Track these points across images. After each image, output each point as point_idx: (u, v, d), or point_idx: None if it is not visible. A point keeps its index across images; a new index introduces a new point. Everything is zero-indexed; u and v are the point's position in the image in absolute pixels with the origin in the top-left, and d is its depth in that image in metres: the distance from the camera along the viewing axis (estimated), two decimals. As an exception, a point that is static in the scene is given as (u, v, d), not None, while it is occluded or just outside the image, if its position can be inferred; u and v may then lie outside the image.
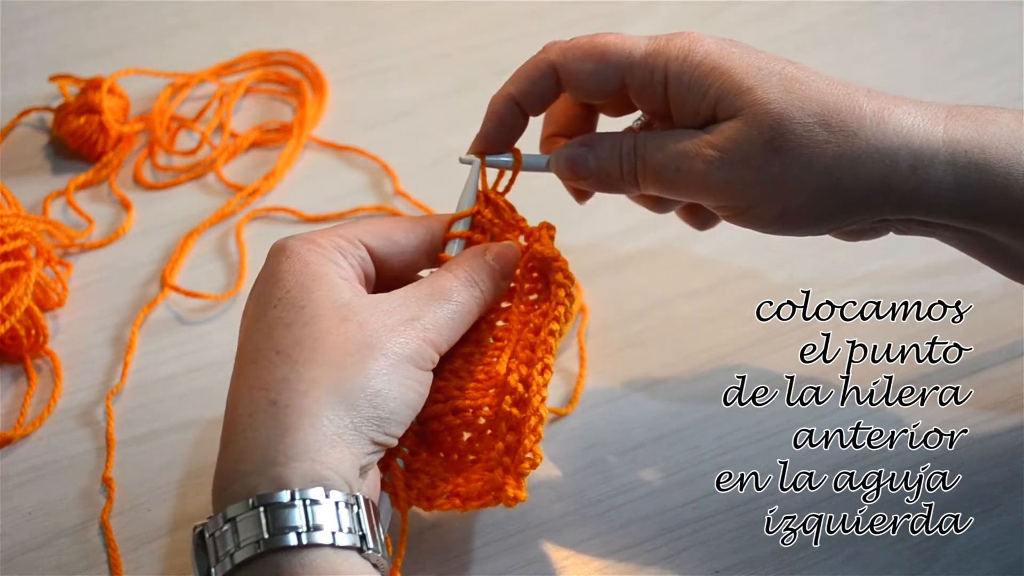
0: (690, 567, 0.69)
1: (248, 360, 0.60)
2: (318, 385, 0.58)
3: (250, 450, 0.57)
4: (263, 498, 0.55)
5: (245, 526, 0.55)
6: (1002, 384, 0.78)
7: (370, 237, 0.65)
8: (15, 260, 0.78)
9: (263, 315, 0.61)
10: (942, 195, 0.62)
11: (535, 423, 0.62)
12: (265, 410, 0.57)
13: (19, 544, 0.71)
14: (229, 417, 0.59)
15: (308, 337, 0.59)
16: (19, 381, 0.80)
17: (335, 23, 1.07)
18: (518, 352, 0.65)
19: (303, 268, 0.62)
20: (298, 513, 0.55)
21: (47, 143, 0.96)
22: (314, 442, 0.57)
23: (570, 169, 0.67)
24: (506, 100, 0.67)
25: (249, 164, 0.95)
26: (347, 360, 0.58)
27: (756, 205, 0.63)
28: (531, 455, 0.62)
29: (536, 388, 0.63)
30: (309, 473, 0.56)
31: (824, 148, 0.61)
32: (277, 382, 0.58)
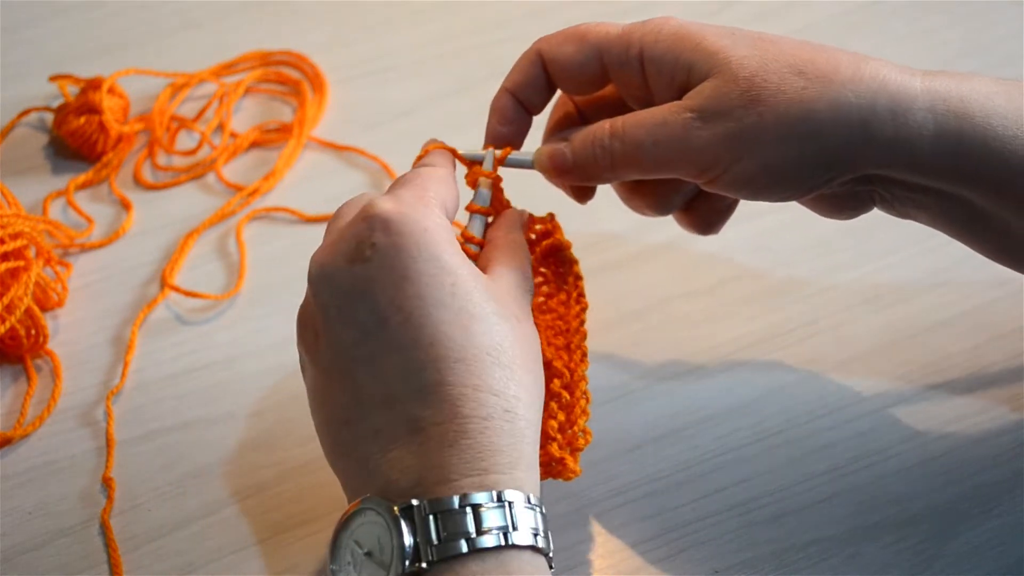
0: (690, 567, 0.69)
1: (454, 358, 0.57)
2: (529, 392, 0.59)
3: (491, 451, 0.57)
4: (510, 495, 0.56)
5: (490, 516, 0.55)
6: (1002, 384, 0.78)
7: (446, 199, 0.64)
8: (15, 260, 0.78)
9: (439, 303, 0.58)
10: (924, 144, 0.61)
11: (584, 404, 0.66)
12: (502, 417, 0.57)
13: (19, 544, 0.71)
14: (448, 414, 0.57)
15: (505, 339, 0.59)
16: (19, 381, 0.80)
17: (335, 23, 1.07)
18: (551, 338, 0.68)
19: (448, 246, 0.59)
20: (534, 516, 0.57)
21: (47, 143, 0.96)
22: (534, 452, 0.59)
23: (551, 163, 0.68)
24: (503, 95, 0.69)
25: (249, 164, 0.95)
26: (533, 365, 0.61)
27: (736, 161, 0.62)
28: (583, 433, 0.66)
29: (580, 374, 0.67)
30: (535, 479, 0.59)
31: (801, 95, 0.61)
32: (502, 388, 0.58)
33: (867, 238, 0.87)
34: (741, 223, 0.88)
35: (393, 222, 0.58)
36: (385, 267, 0.58)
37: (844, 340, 0.81)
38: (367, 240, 0.59)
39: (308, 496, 0.73)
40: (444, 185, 0.64)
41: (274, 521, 0.72)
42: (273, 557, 0.70)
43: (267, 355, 0.81)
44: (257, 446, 0.76)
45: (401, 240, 0.58)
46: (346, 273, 0.59)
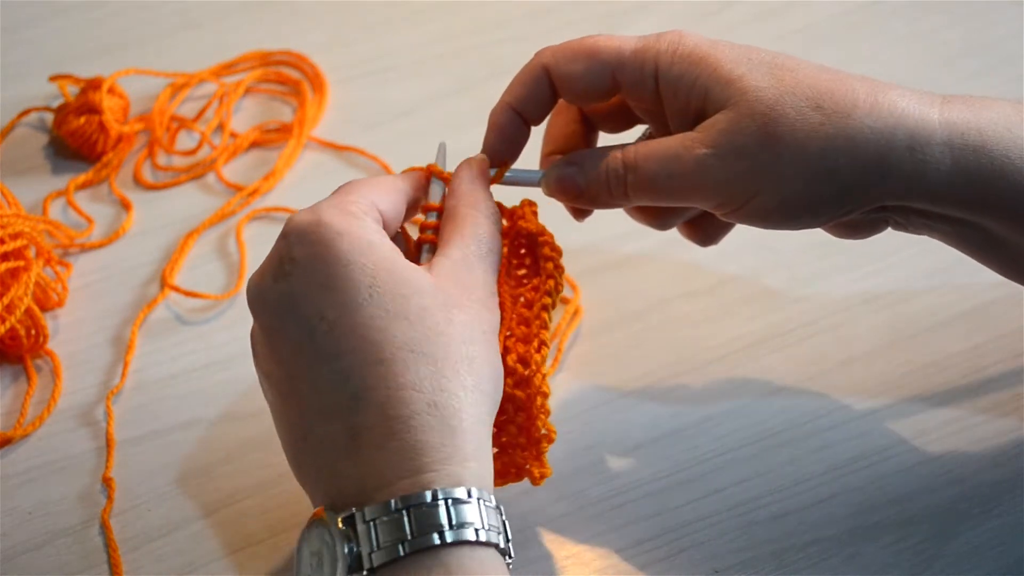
0: (690, 567, 0.69)
1: (372, 360, 0.57)
2: (463, 384, 0.57)
3: (419, 450, 0.56)
4: (446, 491, 0.55)
5: (422, 517, 0.54)
6: (1002, 384, 0.78)
7: (379, 200, 0.63)
8: (15, 260, 0.78)
9: (355, 307, 0.57)
10: (940, 178, 0.61)
11: (541, 402, 0.63)
12: (428, 412, 0.56)
13: (19, 544, 0.71)
14: (375, 418, 0.56)
15: (432, 331, 0.58)
16: (19, 381, 0.80)
17: (335, 23, 1.07)
18: (514, 328, 0.65)
19: (371, 248, 0.59)
20: (477, 510, 0.55)
21: (47, 143, 0.96)
22: (476, 441, 0.57)
23: (561, 189, 0.66)
24: (504, 110, 0.67)
25: (249, 164, 0.95)
26: (472, 351, 0.58)
27: (754, 197, 0.62)
28: (546, 431, 0.63)
29: (535, 366, 0.63)
30: (478, 472, 0.57)
31: (819, 131, 0.61)
32: (426, 382, 0.57)
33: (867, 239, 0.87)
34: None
35: (308, 233, 0.59)
36: (306, 279, 0.58)
37: (844, 340, 0.81)
38: (287, 255, 0.59)
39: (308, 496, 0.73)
40: (376, 189, 0.63)
41: (274, 521, 0.72)
42: (273, 557, 0.70)
43: (267, 355, 0.81)
44: (257, 446, 0.76)
45: (317, 249, 0.58)
46: (272, 291, 0.60)
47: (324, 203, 0.61)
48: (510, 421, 0.63)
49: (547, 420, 0.63)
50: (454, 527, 0.55)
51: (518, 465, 0.63)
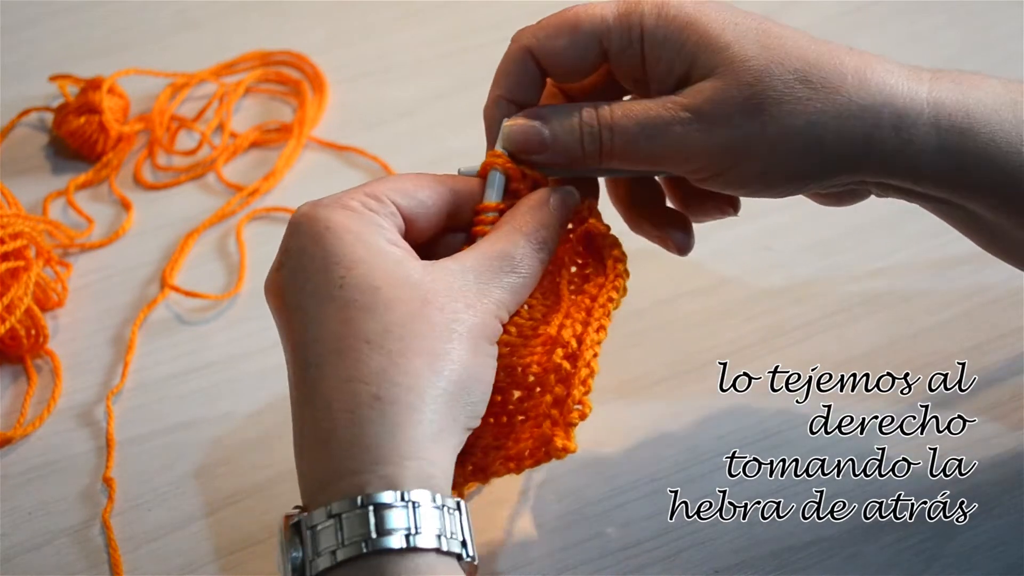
0: (690, 567, 0.69)
1: (330, 350, 0.56)
2: (419, 378, 0.55)
3: (358, 447, 0.54)
4: (371, 497, 0.53)
5: (351, 524, 0.53)
6: (1002, 384, 0.78)
7: (398, 195, 0.61)
8: (15, 260, 0.78)
9: (327, 297, 0.57)
10: (924, 159, 0.60)
11: (585, 375, 0.61)
12: (369, 405, 0.55)
13: (19, 544, 0.71)
14: (322, 411, 0.55)
15: (394, 324, 0.56)
16: (19, 381, 0.80)
17: (335, 23, 1.07)
18: (572, 314, 0.63)
19: (354, 240, 0.58)
20: (406, 514, 0.54)
21: (47, 143, 0.96)
22: (422, 439, 0.55)
23: (523, 143, 0.63)
24: (497, 103, 0.65)
25: (249, 164, 0.95)
26: (438, 347, 0.56)
27: (735, 166, 0.61)
28: (580, 406, 0.61)
29: (589, 343, 0.62)
30: (418, 473, 0.54)
31: (805, 105, 0.60)
32: (375, 375, 0.55)
33: (867, 238, 0.87)
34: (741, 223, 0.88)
35: (299, 224, 0.59)
36: (293, 271, 0.59)
37: (844, 340, 0.81)
38: (284, 247, 0.60)
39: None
40: (403, 184, 0.62)
41: (274, 521, 0.71)
42: (273, 557, 0.70)
43: (267, 355, 0.81)
44: (257, 446, 0.76)
45: (303, 240, 0.59)
46: (273, 282, 0.60)
47: (327, 196, 0.60)
48: (548, 391, 0.61)
49: (585, 395, 0.61)
50: (379, 534, 0.53)
51: (546, 439, 0.61)
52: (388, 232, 0.59)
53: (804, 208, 0.90)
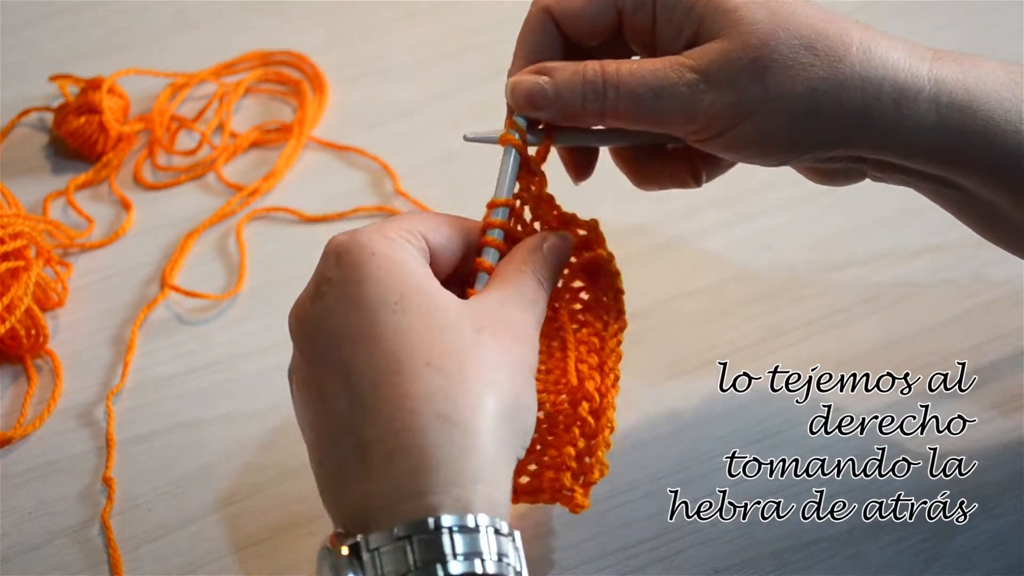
0: (690, 567, 0.69)
1: (390, 371, 0.55)
2: (482, 402, 0.55)
3: (424, 468, 0.54)
4: (443, 520, 0.53)
5: (423, 547, 0.53)
6: (1002, 384, 0.78)
7: (428, 231, 0.61)
8: (15, 260, 0.78)
9: (379, 320, 0.56)
10: (922, 135, 0.61)
11: (608, 434, 0.63)
12: (436, 427, 0.54)
13: (19, 544, 0.71)
14: (382, 431, 0.55)
15: (453, 349, 0.56)
16: (19, 381, 0.80)
17: (335, 23, 1.07)
18: (583, 355, 0.64)
19: (403, 268, 0.58)
20: (476, 539, 0.53)
21: (47, 143, 0.96)
22: (489, 464, 0.54)
23: (528, 99, 0.64)
24: (521, 67, 0.65)
25: (249, 164, 0.95)
26: (495, 375, 0.56)
27: (735, 127, 0.62)
28: (600, 465, 0.62)
29: (610, 400, 0.63)
30: (486, 497, 0.54)
31: (808, 71, 0.60)
32: (438, 396, 0.54)
33: (867, 238, 0.87)
34: (741, 223, 0.89)
35: (342, 253, 0.58)
36: (338, 298, 0.58)
37: (844, 340, 0.81)
38: (323, 276, 0.59)
39: (308, 496, 0.73)
40: (429, 221, 0.62)
41: (274, 521, 0.72)
42: (273, 557, 0.70)
43: (267, 355, 0.81)
44: (257, 446, 0.76)
45: (349, 270, 0.58)
46: (309, 312, 0.59)
47: (365, 227, 0.60)
48: (571, 443, 0.62)
49: (605, 452, 0.63)
50: (460, 557, 0.53)
51: (560, 487, 0.62)
52: (423, 263, 0.60)
53: (804, 208, 0.90)
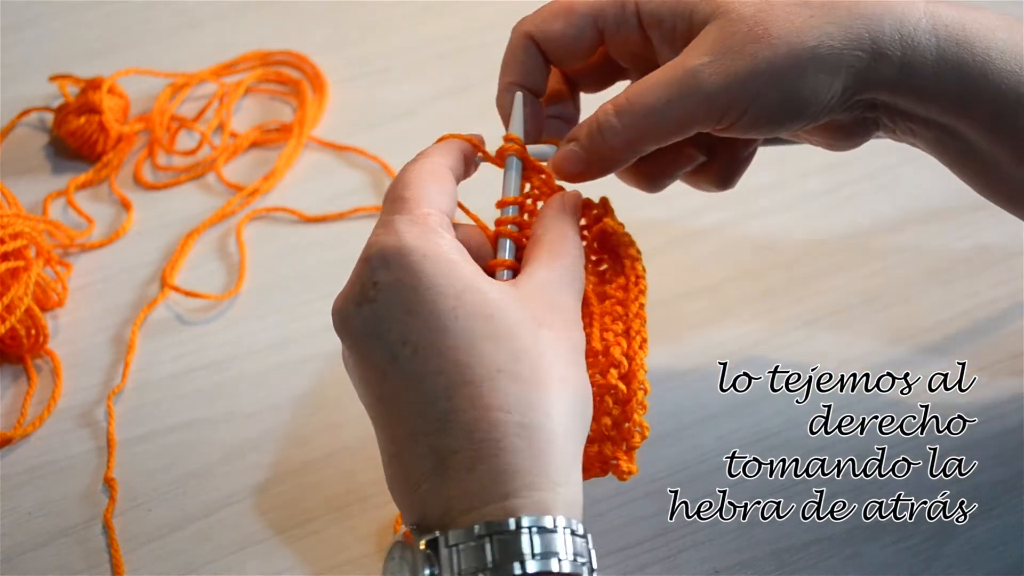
0: (690, 567, 0.69)
1: (462, 381, 0.55)
2: (556, 403, 0.56)
3: (510, 474, 0.54)
4: (523, 520, 0.54)
5: (501, 546, 0.53)
6: (1002, 384, 0.78)
7: (443, 201, 0.61)
8: (15, 260, 0.78)
9: (445, 327, 0.56)
10: (927, 70, 0.61)
11: (642, 396, 0.62)
12: (516, 434, 0.55)
13: (19, 544, 0.71)
14: (462, 442, 0.55)
15: (521, 351, 0.56)
16: (19, 381, 0.80)
17: (335, 23, 1.07)
18: (608, 324, 0.64)
19: (454, 268, 0.57)
20: (563, 539, 0.54)
21: (47, 143, 0.96)
22: (565, 464, 0.55)
23: (565, 167, 0.65)
24: (508, 90, 0.66)
25: (249, 164, 0.95)
26: (563, 371, 0.57)
27: (755, 99, 0.61)
28: (640, 428, 0.62)
29: (640, 362, 0.62)
30: (566, 498, 0.55)
31: (809, 22, 0.60)
32: (514, 403, 0.55)
33: (867, 238, 0.87)
34: (741, 222, 0.89)
35: (391, 257, 0.58)
36: (390, 304, 0.57)
37: (844, 340, 0.81)
38: (370, 280, 0.58)
39: (308, 496, 0.73)
40: (436, 186, 0.62)
41: (274, 521, 0.72)
42: (273, 557, 0.70)
43: (267, 355, 0.81)
44: (257, 446, 0.76)
45: (400, 274, 0.57)
46: (356, 316, 0.58)
47: (402, 221, 0.59)
48: (606, 413, 0.61)
49: (642, 417, 0.62)
50: (537, 557, 0.53)
51: (604, 459, 0.62)
52: (464, 253, 0.59)
53: (804, 208, 0.90)
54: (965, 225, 0.87)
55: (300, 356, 0.80)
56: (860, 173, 0.91)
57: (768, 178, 0.90)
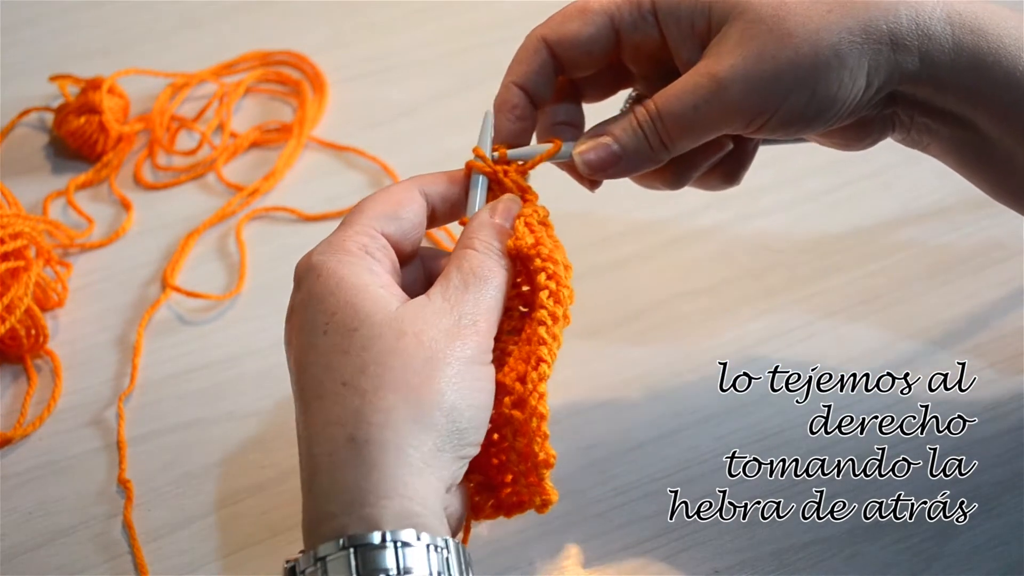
0: (690, 567, 0.70)
1: (313, 395, 0.57)
2: (394, 413, 0.55)
3: (336, 490, 0.55)
4: (354, 539, 0.53)
5: (335, 567, 0.53)
6: (1002, 384, 0.78)
7: (384, 222, 0.62)
8: (15, 260, 0.78)
9: (313, 344, 0.58)
10: (944, 56, 0.61)
11: (537, 424, 0.60)
12: (346, 448, 0.55)
13: (19, 544, 0.71)
14: (307, 457, 0.56)
15: (370, 362, 0.56)
16: (19, 381, 0.80)
17: (335, 23, 1.07)
18: (523, 351, 0.61)
19: (339, 285, 0.58)
20: (389, 555, 0.53)
21: (47, 143, 0.96)
22: (401, 476, 0.55)
23: (601, 164, 0.64)
24: (509, 89, 0.66)
25: (249, 164, 0.95)
26: (414, 380, 0.56)
27: (785, 99, 0.61)
28: (544, 456, 0.60)
29: (532, 385, 0.60)
30: (400, 511, 0.54)
31: (828, 18, 0.61)
32: (351, 416, 0.55)
33: (867, 238, 0.87)
34: (741, 223, 0.89)
35: (299, 279, 0.60)
36: (295, 324, 0.60)
37: (844, 340, 0.81)
38: (291, 301, 0.61)
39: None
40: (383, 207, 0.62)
41: (274, 521, 0.72)
42: (273, 557, 0.70)
43: (267, 355, 0.81)
44: (257, 446, 0.76)
45: (301, 295, 0.59)
46: (286, 332, 0.61)
47: (324, 240, 0.61)
48: (511, 448, 0.61)
49: (545, 443, 0.60)
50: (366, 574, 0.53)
51: (517, 494, 0.61)
52: (379, 276, 0.60)
53: (804, 208, 0.90)
54: (965, 224, 0.87)
55: (300, 356, 0.80)
56: (860, 173, 0.92)
57: (768, 178, 0.90)
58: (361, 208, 0.62)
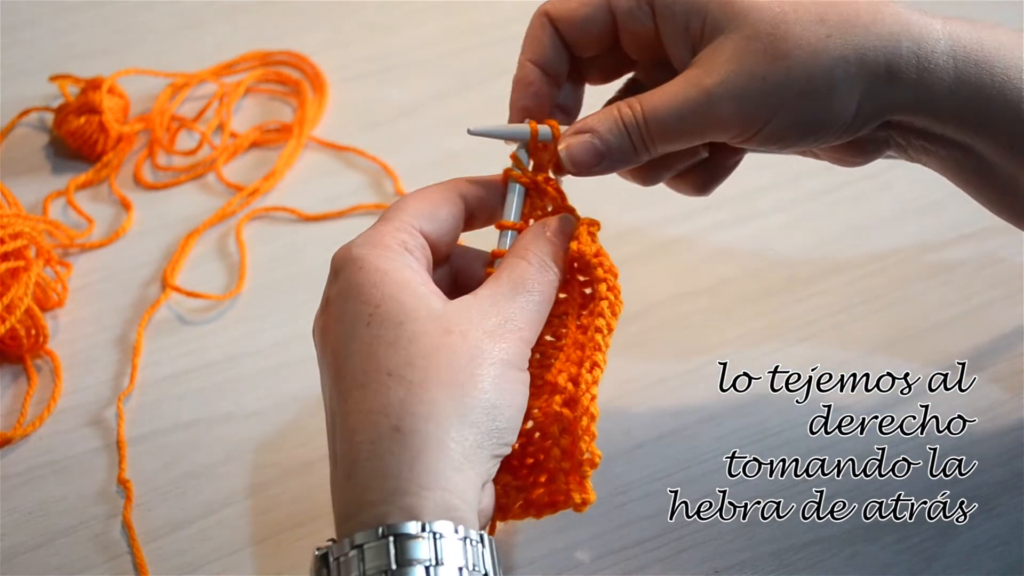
0: (690, 567, 0.70)
1: (355, 384, 0.57)
2: (438, 407, 0.56)
3: (378, 479, 0.55)
4: (392, 528, 0.54)
5: (372, 554, 0.54)
6: (1002, 384, 0.78)
7: (424, 221, 0.62)
8: (15, 260, 0.78)
9: (355, 334, 0.58)
10: (944, 89, 0.61)
11: (587, 423, 0.60)
12: (389, 437, 0.55)
13: (19, 544, 0.71)
14: (347, 445, 0.56)
15: (417, 355, 0.57)
16: (19, 381, 0.80)
17: (335, 23, 1.07)
18: (571, 354, 0.63)
19: (383, 279, 0.58)
20: (427, 545, 0.54)
21: (47, 143, 0.96)
22: (443, 469, 0.55)
23: (584, 159, 0.64)
24: (524, 65, 0.66)
25: (249, 164, 0.95)
26: (459, 376, 0.57)
27: (771, 118, 0.61)
28: (589, 455, 0.60)
29: (585, 386, 0.61)
30: (440, 503, 0.55)
31: (825, 43, 0.60)
32: (395, 406, 0.56)
33: (867, 238, 0.87)
34: (741, 223, 0.89)
35: (336, 269, 0.60)
36: (332, 314, 0.60)
37: (844, 340, 0.81)
38: (326, 291, 0.61)
39: (308, 496, 0.73)
40: (422, 205, 0.63)
41: (274, 521, 0.72)
42: (273, 557, 0.70)
43: (267, 355, 0.81)
44: (257, 446, 0.76)
45: (340, 286, 0.59)
46: (317, 324, 0.61)
47: (364, 234, 0.61)
48: (555, 444, 0.61)
49: (592, 443, 0.60)
50: (400, 564, 0.53)
51: (564, 492, 0.61)
52: (418, 271, 0.60)
53: (804, 208, 0.90)
54: (965, 225, 0.87)
55: (301, 356, 0.80)
56: (860, 173, 0.90)
57: (767, 178, 0.90)
58: (401, 205, 0.63)
